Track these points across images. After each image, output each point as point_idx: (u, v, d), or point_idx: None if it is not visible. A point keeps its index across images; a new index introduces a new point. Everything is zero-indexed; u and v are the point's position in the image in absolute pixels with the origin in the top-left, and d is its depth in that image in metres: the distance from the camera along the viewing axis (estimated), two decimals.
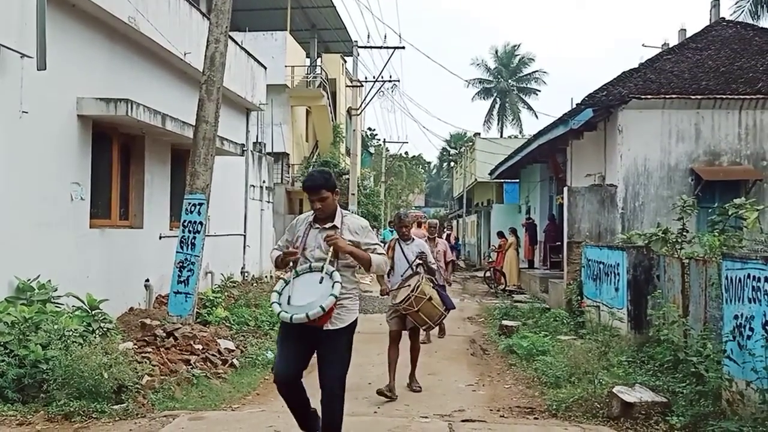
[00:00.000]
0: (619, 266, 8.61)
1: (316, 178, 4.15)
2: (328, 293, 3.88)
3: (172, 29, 10.10)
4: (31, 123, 7.16)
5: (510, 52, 52.31)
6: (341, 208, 4.23)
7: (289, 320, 3.91)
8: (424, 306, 6.38)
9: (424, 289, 6.41)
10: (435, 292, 6.57)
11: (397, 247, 6.96)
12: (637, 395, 5.59)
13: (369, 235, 4.24)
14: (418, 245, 7.01)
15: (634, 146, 11.44)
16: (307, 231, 4.16)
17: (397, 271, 6.86)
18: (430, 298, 6.43)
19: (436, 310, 6.53)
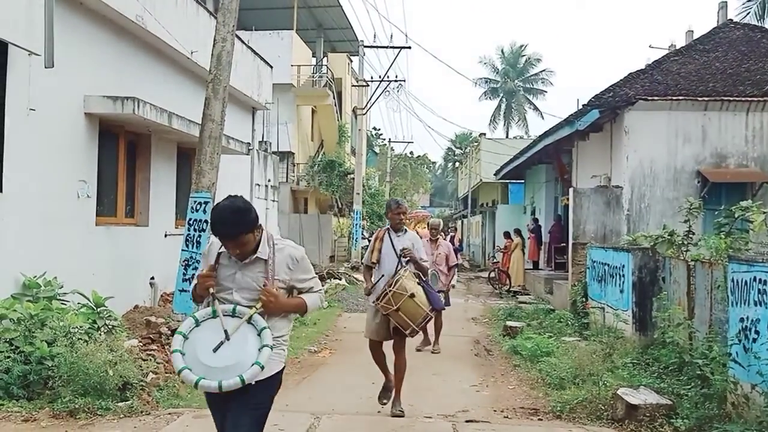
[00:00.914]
0: (625, 268, 8.58)
1: (227, 222, 3.00)
2: (251, 359, 2.91)
3: (179, 28, 10.13)
4: (39, 120, 7.19)
5: (517, 52, 52.30)
6: (267, 233, 3.24)
7: (194, 385, 2.89)
8: (404, 305, 5.46)
9: (404, 284, 5.49)
10: (420, 288, 5.59)
11: (386, 239, 5.94)
12: (641, 397, 5.58)
13: (304, 269, 3.27)
14: (411, 238, 6.01)
15: (641, 148, 11.41)
16: (219, 263, 3.17)
17: (385, 266, 5.88)
18: (412, 296, 5.45)
19: (419, 310, 5.51)
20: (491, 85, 52.79)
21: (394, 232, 5.99)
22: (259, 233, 3.12)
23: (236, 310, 3.03)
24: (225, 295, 3.11)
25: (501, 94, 52.53)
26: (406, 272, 5.64)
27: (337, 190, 25.80)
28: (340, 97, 29.19)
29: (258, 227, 3.11)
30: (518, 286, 17.28)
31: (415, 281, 5.64)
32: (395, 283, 5.52)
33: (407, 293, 5.46)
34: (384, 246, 5.94)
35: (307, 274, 3.30)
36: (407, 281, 5.56)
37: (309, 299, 3.27)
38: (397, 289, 5.48)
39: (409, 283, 5.56)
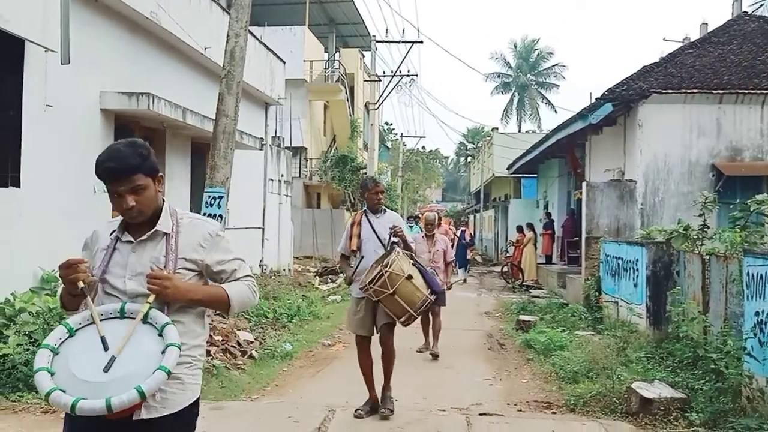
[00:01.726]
0: (639, 262, 8.55)
1: (123, 155, 2.25)
2: (152, 365, 2.06)
3: (193, 24, 10.19)
4: (55, 116, 7.27)
5: (529, 46, 52.04)
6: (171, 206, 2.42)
7: (70, 410, 2.00)
8: (401, 287, 4.92)
9: (401, 264, 4.97)
10: (416, 270, 5.12)
11: (364, 223, 5.46)
12: (656, 391, 5.57)
13: (223, 249, 2.41)
14: (391, 219, 5.49)
15: (655, 141, 11.34)
16: (113, 246, 2.35)
17: (367, 252, 5.38)
18: (410, 277, 4.95)
19: (417, 293, 5.01)
20: (503, 79, 52.59)
21: (372, 214, 5.50)
22: (161, 194, 2.38)
23: (125, 308, 2.20)
24: (116, 284, 2.29)
25: (513, 89, 52.33)
26: (400, 253, 5.11)
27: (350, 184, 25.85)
28: (353, 92, 29.20)
29: (160, 184, 2.36)
30: (531, 281, 17.25)
31: (410, 262, 5.15)
32: (391, 263, 4.93)
33: (404, 274, 4.92)
34: (363, 230, 5.45)
35: (226, 254, 2.41)
36: (403, 262, 5.03)
37: (232, 288, 2.36)
38: (393, 270, 4.90)
39: (405, 263, 5.05)
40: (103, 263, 2.32)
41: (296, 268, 17.29)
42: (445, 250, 8.53)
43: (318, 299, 12.08)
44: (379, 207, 5.52)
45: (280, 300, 10.83)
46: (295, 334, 9.19)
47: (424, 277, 5.15)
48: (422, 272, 5.18)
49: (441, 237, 8.71)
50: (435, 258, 8.35)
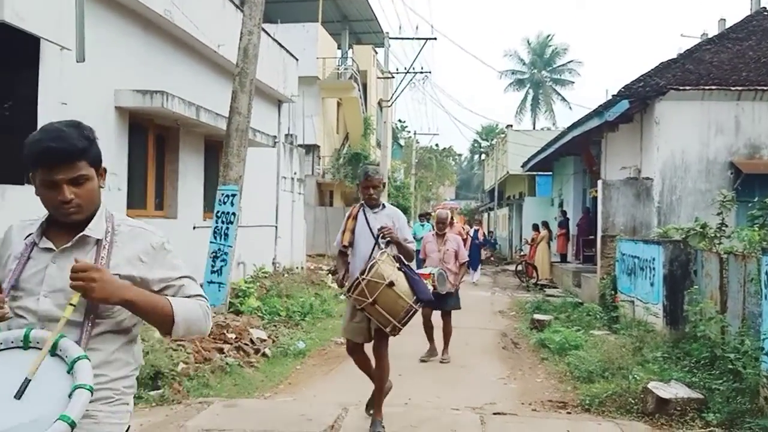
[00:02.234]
0: (655, 261, 8.46)
1: (67, 135, 1.86)
2: (54, 411, 1.62)
3: (206, 21, 10.21)
4: (71, 114, 7.30)
5: (544, 42, 51.76)
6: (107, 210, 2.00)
7: None
8: (382, 296, 4.46)
9: (381, 270, 4.49)
10: (401, 274, 4.60)
11: (360, 217, 5.02)
12: (672, 391, 5.50)
13: (168, 265, 1.97)
14: (390, 214, 5.06)
15: (672, 138, 11.21)
16: (28, 254, 1.90)
17: (359, 250, 4.95)
18: (391, 284, 4.45)
19: (400, 302, 4.52)
20: (517, 76, 52.34)
21: (369, 209, 5.04)
22: (100, 191, 1.95)
23: (30, 336, 1.72)
24: (27, 303, 1.80)
25: (528, 85, 52.07)
26: (383, 255, 4.62)
27: None
28: (366, 90, 29.18)
29: (102, 179, 1.95)
30: (545, 279, 17.15)
31: (394, 266, 4.63)
32: (370, 269, 4.50)
33: (385, 281, 4.44)
34: (358, 225, 5.00)
35: (172, 271, 1.94)
36: (385, 266, 4.54)
37: (179, 302, 1.90)
38: (372, 277, 4.46)
39: (387, 268, 4.54)
40: (14, 275, 1.82)
41: (309, 266, 17.31)
42: (456, 250, 8.03)
43: (331, 297, 12.07)
44: (374, 202, 5.05)
45: (292, 298, 10.84)
46: (308, 332, 9.19)
47: (410, 284, 4.61)
48: (409, 277, 4.65)
49: (453, 236, 8.29)
50: (446, 258, 7.89)
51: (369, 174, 5.01)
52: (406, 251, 4.95)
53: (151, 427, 4.93)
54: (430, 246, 8.08)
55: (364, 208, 5.07)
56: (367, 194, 5.01)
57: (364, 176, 5.02)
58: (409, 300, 4.55)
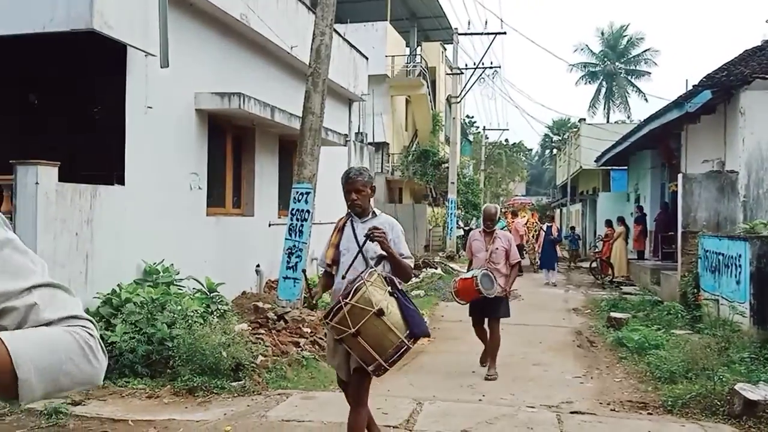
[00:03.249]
0: (741, 258, 8.08)
1: None
2: None
3: (280, 24, 10.46)
4: (155, 118, 7.67)
5: (617, 33, 50.13)
6: None
7: None
8: (367, 327, 3.58)
9: (369, 294, 3.60)
10: (393, 301, 3.70)
11: (347, 230, 4.13)
12: (761, 393, 5.26)
13: (10, 270, 1.12)
14: (384, 223, 4.07)
15: (758, 129, 10.64)
16: None
17: (344, 267, 4.05)
18: (380, 312, 3.57)
19: (390, 336, 3.61)
20: (590, 68, 50.91)
21: (357, 219, 4.13)
22: None
23: None
24: None
25: (601, 78, 50.58)
26: (373, 276, 3.71)
27: (432, 179, 25.82)
28: (434, 86, 29.12)
29: None
30: (621, 277, 16.65)
31: (385, 289, 3.71)
32: (354, 291, 3.60)
33: (372, 308, 3.56)
34: (343, 239, 4.11)
35: (16, 279, 1.13)
36: (373, 289, 3.64)
37: (23, 340, 1.07)
38: (357, 302, 3.57)
39: (377, 292, 3.64)
40: None
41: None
42: (507, 248, 7.07)
43: None
44: (360, 210, 4.09)
45: None
46: None
47: (404, 314, 3.68)
48: (402, 305, 3.72)
49: (503, 234, 7.35)
50: (494, 258, 6.97)
51: (350, 176, 4.10)
52: (402, 270, 4.00)
53: (234, 416, 5.13)
54: (477, 245, 7.17)
55: (352, 218, 4.15)
56: (349, 200, 4.08)
57: (345, 179, 4.11)
58: (400, 334, 3.63)
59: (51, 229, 6.07)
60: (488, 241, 7.09)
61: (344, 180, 4.11)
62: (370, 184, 4.14)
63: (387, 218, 4.18)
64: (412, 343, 3.72)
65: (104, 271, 6.77)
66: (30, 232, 5.89)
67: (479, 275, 6.61)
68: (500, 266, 6.97)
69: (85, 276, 6.53)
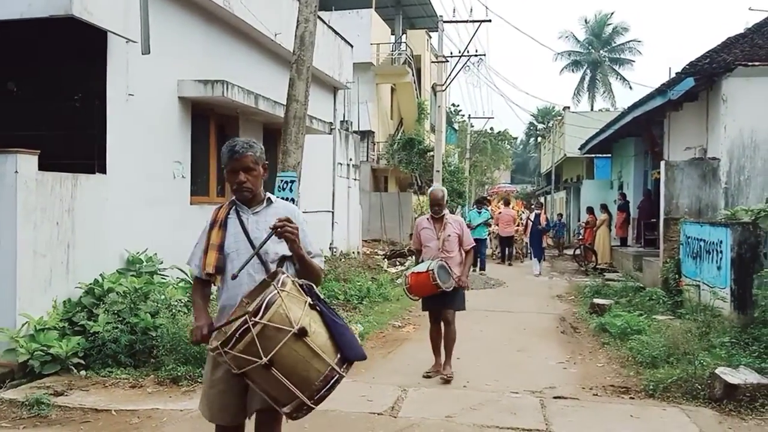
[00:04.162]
0: (722, 244, 8.17)
1: None
2: None
3: (264, 11, 10.36)
4: (137, 105, 7.57)
5: (602, 21, 50.24)
6: None
7: None
8: (284, 354, 2.57)
9: (285, 310, 2.59)
10: (317, 316, 2.71)
11: (232, 224, 3.07)
12: (741, 377, 5.34)
13: None
14: (284, 211, 3.06)
15: (740, 117, 10.74)
16: None
17: (230, 276, 2.93)
18: (303, 333, 2.59)
19: (315, 363, 2.63)
20: (574, 57, 51.02)
21: (245, 208, 3.07)
22: None
23: None
24: None
25: (585, 66, 50.72)
26: (287, 284, 2.66)
27: (417, 167, 25.81)
28: (419, 74, 29.05)
29: None
30: (605, 264, 16.80)
31: (303, 301, 2.68)
32: (266, 306, 2.54)
33: (292, 328, 2.55)
34: (229, 237, 3.02)
35: None
36: (290, 302, 2.62)
37: None
38: (272, 320, 2.54)
39: (295, 306, 2.62)
40: None
41: (365, 251, 17.47)
42: (460, 234, 6.45)
43: (387, 281, 12.17)
44: (247, 194, 3.03)
45: (350, 282, 10.98)
46: (366, 315, 9.30)
47: (330, 331, 2.68)
48: (328, 321, 2.69)
49: (454, 219, 6.62)
50: (446, 246, 6.36)
51: (236, 149, 3.00)
52: (313, 273, 2.98)
53: None
54: (426, 233, 6.50)
55: (237, 208, 3.07)
56: (235, 182, 3.01)
57: (229, 154, 3.01)
58: (329, 360, 2.62)
59: (31, 218, 6.00)
60: (438, 228, 6.46)
61: (227, 155, 3.01)
62: (262, 161, 3.09)
63: (285, 205, 3.20)
64: (345, 370, 2.68)
65: (86, 260, 6.70)
66: (9, 221, 5.81)
67: (435, 268, 6.05)
68: (454, 254, 6.39)
69: (67, 266, 6.46)
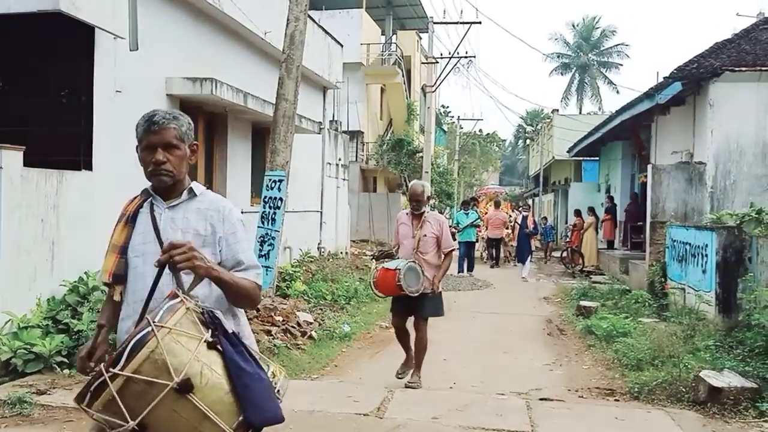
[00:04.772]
0: (708, 247, 8.24)
1: None
2: None
3: (253, 8, 10.31)
4: (125, 102, 7.51)
5: (590, 24, 50.57)
6: None
7: None
8: (159, 416, 1.80)
9: (162, 355, 1.80)
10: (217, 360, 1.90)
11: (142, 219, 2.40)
12: (725, 380, 5.38)
13: None
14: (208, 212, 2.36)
15: (727, 121, 10.84)
16: None
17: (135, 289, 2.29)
18: (185, 388, 1.79)
19: (203, 429, 1.83)
20: (563, 59, 51.31)
21: (160, 201, 2.41)
22: None
23: None
24: None
25: (573, 69, 51.03)
26: (175, 313, 1.92)
27: (406, 168, 25.80)
28: (409, 75, 29.06)
29: None
30: (592, 266, 16.88)
31: (200, 338, 1.92)
32: (130, 351, 1.82)
33: (170, 381, 1.80)
34: (136, 236, 2.37)
35: None
36: (174, 343, 1.86)
37: None
38: (140, 370, 1.81)
39: (181, 348, 1.86)
40: None
41: (353, 251, 17.45)
42: (438, 235, 5.95)
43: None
44: (164, 178, 2.33)
45: (338, 282, 10.97)
46: (353, 315, 9.29)
47: (233, 383, 1.92)
48: (233, 366, 1.94)
49: (434, 217, 6.10)
50: (422, 247, 5.90)
51: (155, 120, 2.30)
52: (241, 293, 2.25)
53: None
54: (404, 229, 6.09)
55: (152, 200, 2.39)
56: (151, 162, 2.31)
57: (145, 127, 2.33)
58: (225, 424, 1.88)
59: (15, 215, 5.93)
60: (416, 225, 5.97)
61: (143, 127, 2.31)
62: (189, 140, 2.35)
63: (214, 199, 2.41)
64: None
65: (71, 258, 6.63)
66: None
67: (403, 268, 5.64)
68: (429, 256, 5.90)
69: (51, 263, 6.39)
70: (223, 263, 2.28)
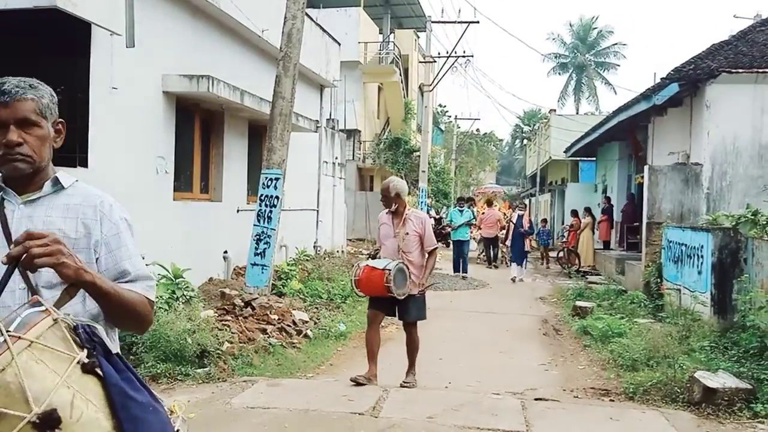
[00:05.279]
0: (704, 248, 8.26)
1: None
2: None
3: (251, 6, 10.29)
4: (121, 99, 7.49)
5: (587, 25, 50.64)
6: None
7: None
8: None
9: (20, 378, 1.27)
10: (93, 387, 1.39)
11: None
12: (720, 381, 5.39)
13: None
14: (79, 208, 1.80)
15: (723, 123, 10.86)
16: None
17: None
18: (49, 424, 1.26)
19: None
20: (560, 60, 51.37)
21: (13, 195, 1.77)
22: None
23: None
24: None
25: (571, 69, 51.08)
26: (38, 326, 1.36)
27: (403, 167, 25.81)
28: (407, 74, 29.05)
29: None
30: (588, 266, 16.90)
31: (71, 357, 1.38)
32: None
33: (27, 412, 1.26)
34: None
35: None
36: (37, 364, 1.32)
37: None
38: None
39: (45, 371, 1.32)
40: None
41: (349, 250, 17.44)
42: (420, 233, 5.75)
43: None
44: (26, 170, 1.75)
45: (333, 281, 10.95)
46: (349, 314, 9.28)
47: (117, 417, 1.40)
48: (114, 395, 1.41)
49: (416, 215, 5.93)
50: (405, 246, 5.71)
51: (6, 91, 1.72)
52: (126, 309, 1.71)
53: (198, 403, 5.07)
54: (385, 229, 5.89)
55: (3, 194, 1.77)
56: (1, 143, 1.71)
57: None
58: None
59: None
60: (397, 223, 5.75)
61: None
62: (53, 117, 1.86)
63: (89, 194, 1.92)
64: None
65: None
66: None
67: (393, 269, 5.44)
68: (413, 255, 5.70)
69: None
70: (103, 275, 1.68)
